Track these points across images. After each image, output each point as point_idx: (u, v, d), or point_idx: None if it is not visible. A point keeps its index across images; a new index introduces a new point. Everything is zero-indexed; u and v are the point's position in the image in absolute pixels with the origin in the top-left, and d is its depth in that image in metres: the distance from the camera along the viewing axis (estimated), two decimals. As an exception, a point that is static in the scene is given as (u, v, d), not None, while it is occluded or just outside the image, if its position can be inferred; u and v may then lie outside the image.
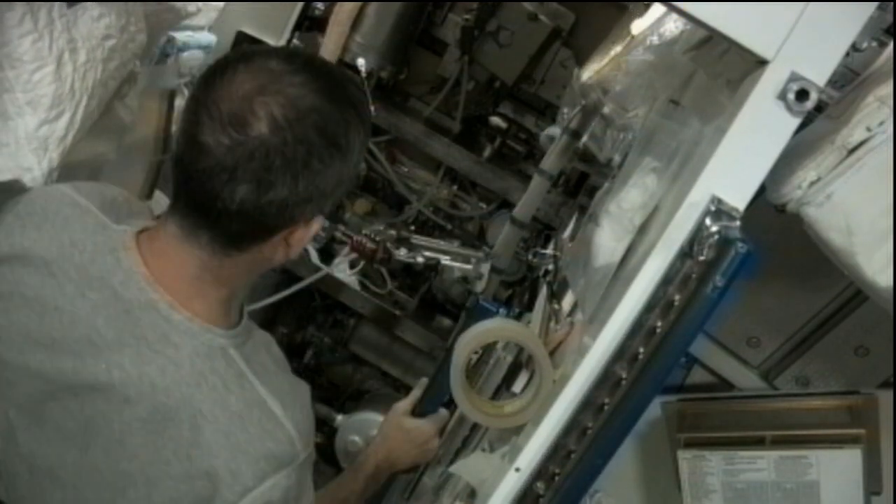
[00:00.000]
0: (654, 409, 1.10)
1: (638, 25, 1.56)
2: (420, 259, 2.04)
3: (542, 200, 1.91)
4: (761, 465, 1.01)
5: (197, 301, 0.89)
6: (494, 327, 1.17)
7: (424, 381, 1.45)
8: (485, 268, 2.01)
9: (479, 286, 2.02)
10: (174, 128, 1.71)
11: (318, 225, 0.89)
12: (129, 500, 0.90)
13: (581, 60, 2.03)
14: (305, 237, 0.89)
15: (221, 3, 1.45)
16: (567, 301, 1.39)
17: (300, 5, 1.89)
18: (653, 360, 0.79)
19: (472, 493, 1.07)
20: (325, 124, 0.81)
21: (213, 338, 0.89)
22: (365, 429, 2.06)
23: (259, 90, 0.78)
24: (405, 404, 1.41)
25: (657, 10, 1.52)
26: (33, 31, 0.82)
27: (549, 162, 1.80)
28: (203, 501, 0.88)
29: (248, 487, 0.88)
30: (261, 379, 0.92)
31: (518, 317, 1.68)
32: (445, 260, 2.04)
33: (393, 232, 2.07)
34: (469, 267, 2.01)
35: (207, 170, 0.79)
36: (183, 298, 0.88)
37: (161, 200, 1.89)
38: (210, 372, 0.88)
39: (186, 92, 1.85)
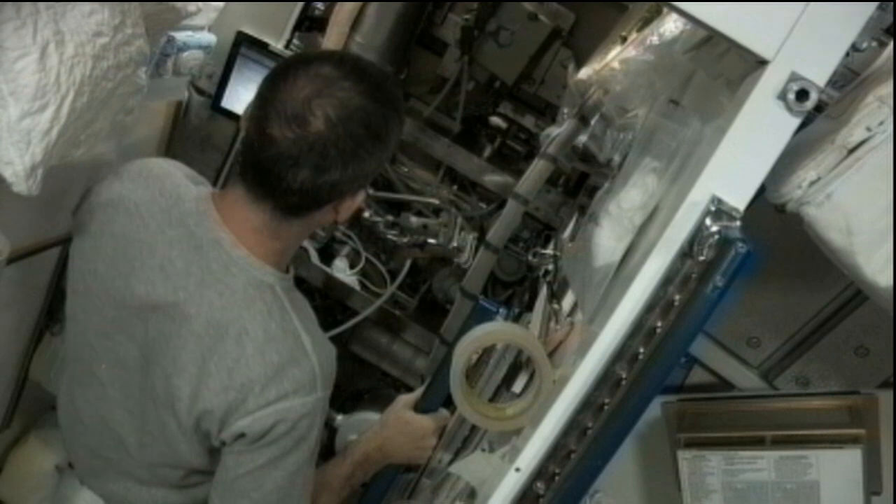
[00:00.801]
0: (654, 409, 1.10)
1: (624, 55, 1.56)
2: (389, 217, 2.05)
3: (517, 224, 1.89)
4: (761, 465, 1.00)
5: (256, 246, 1.06)
6: (493, 330, 1.17)
7: None
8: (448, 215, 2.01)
9: (441, 236, 2.02)
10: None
11: (362, 196, 1.08)
12: (177, 413, 1.07)
13: (581, 60, 2.03)
14: (352, 206, 1.08)
15: (221, 3, 1.45)
16: (567, 301, 1.39)
17: (300, 5, 1.88)
18: (653, 360, 0.79)
19: (472, 493, 1.07)
20: (369, 121, 0.99)
21: (264, 274, 1.07)
22: (364, 428, 2.06)
23: (316, 93, 0.96)
24: (410, 397, 1.41)
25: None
26: (15, 18, 0.80)
27: (525, 186, 1.78)
28: (230, 411, 1.04)
29: (269, 401, 1.03)
30: (298, 317, 1.08)
31: (518, 317, 1.68)
32: (414, 219, 2.04)
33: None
34: (434, 221, 2.01)
35: (274, 157, 0.97)
36: (244, 241, 1.06)
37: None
38: (258, 299, 1.05)
39: (191, 91, 1.86)
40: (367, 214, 2.02)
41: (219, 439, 1.08)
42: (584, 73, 1.62)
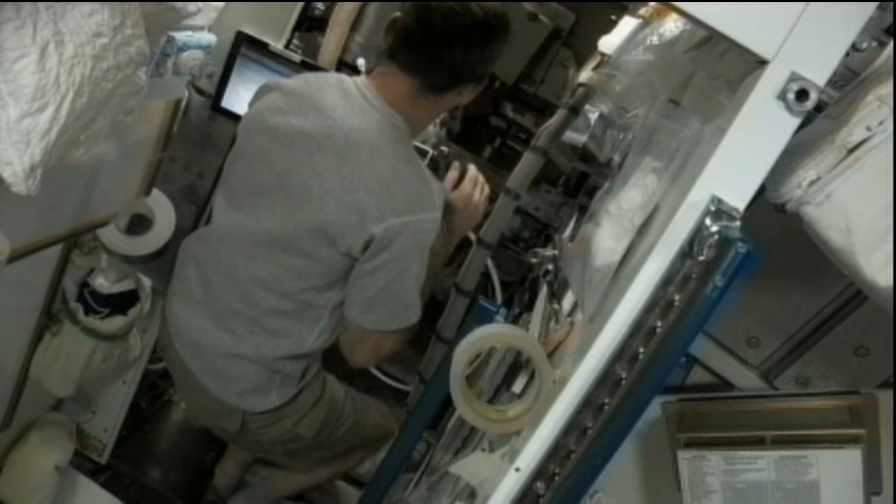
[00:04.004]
0: (654, 409, 1.10)
1: (606, 43, 1.58)
2: None
3: (509, 220, 1.88)
4: (761, 465, 1.00)
5: (394, 104, 1.42)
6: (492, 333, 1.17)
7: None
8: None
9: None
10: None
11: (481, 86, 1.48)
12: (308, 208, 1.38)
13: (581, 60, 2.03)
14: (473, 92, 1.48)
15: (221, 3, 1.44)
16: (567, 301, 1.39)
17: (300, 5, 1.89)
18: (653, 360, 0.79)
19: (473, 493, 1.07)
20: (500, 21, 1.40)
21: (395, 118, 1.42)
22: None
23: None
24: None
25: (625, 26, 1.54)
26: (15, 18, 0.80)
27: (516, 180, 1.77)
28: (360, 212, 1.34)
29: (398, 211, 1.34)
30: (416, 156, 1.43)
31: (518, 317, 1.68)
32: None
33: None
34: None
35: (433, 38, 1.37)
36: (385, 99, 1.41)
37: (159, 198, 1.89)
38: (388, 131, 1.40)
39: (191, 90, 1.86)
40: None
41: (353, 246, 1.37)
42: (584, 74, 1.63)
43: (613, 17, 1.69)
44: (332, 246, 1.38)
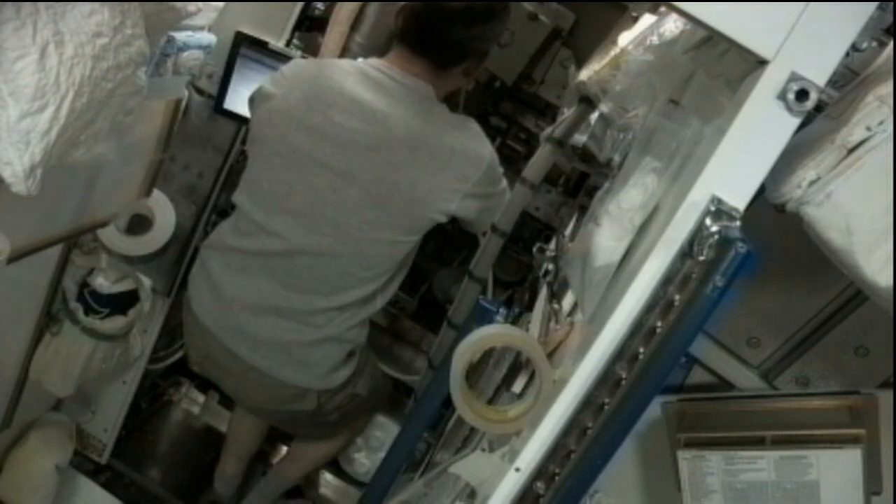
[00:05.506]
0: (654, 409, 1.10)
1: (625, 38, 1.58)
2: None
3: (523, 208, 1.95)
4: (761, 465, 1.00)
5: (418, 78, 1.56)
6: (491, 334, 1.17)
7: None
8: None
9: None
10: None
11: (483, 61, 1.63)
12: (399, 202, 1.50)
13: (581, 60, 2.03)
14: (476, 70, 1.65)
15: (221, 3, 1.45)
16: (567, 301, 1.39)
17: (300, 5, 1.88)
18: (653, 360, 0.79)
19: (472, 494, 1.07)
20: (501, 4, 1.54)
21: (426, 91, 1.56)
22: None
23: None
24: None
25: (645, 22, 1.54)
26: (15, 18, 0.80)
27: (532, 170, 1.80)
28: (450, 187, 1.50)
29: (475, 167, 1.54)
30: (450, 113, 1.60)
31: (518, 317, 1.68)
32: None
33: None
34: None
35: (437, 16, 1.51)
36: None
37: (159, 198, 1.89)
38: (425, 104, 1.54)
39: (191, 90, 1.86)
40: None
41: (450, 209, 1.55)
42: (585, 74, 1.62)
43: (635, 15, 1.70)
44: (430, 223, 1.53)
